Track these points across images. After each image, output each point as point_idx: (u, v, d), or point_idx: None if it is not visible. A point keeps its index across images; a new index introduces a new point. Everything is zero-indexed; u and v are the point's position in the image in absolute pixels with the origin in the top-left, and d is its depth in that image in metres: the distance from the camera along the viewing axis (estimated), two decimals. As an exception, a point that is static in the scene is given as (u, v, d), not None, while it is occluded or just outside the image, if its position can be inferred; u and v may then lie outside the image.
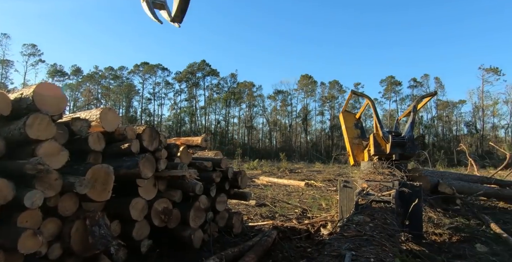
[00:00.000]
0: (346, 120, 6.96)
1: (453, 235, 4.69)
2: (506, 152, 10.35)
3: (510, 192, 8.03)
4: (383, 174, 4.93)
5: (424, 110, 54.99)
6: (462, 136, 52.68)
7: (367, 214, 3.49)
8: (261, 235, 4.24)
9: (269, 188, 10.12)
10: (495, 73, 50.37)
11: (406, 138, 5.56)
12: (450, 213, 5.71)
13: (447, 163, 30.39)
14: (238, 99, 61.14)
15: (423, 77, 57.54)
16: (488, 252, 3.95)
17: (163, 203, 3.38)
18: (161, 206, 3.36)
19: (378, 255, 2.35)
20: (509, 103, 49.24)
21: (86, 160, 2.94)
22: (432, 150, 39.73)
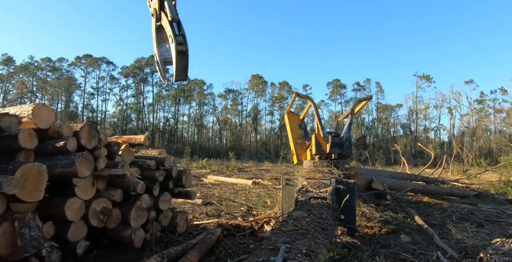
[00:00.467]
0: (290, 121, 7.24)
1: (382, 227, 5.13)
2: (432, 152, 11.46)
3: (434, 188, 8.95)
4: (322, 172, 5.24)
5: (366, 112, 58.69)
6: (399, 137, 56.96)
7: (305, 209, 3.71)
8: (205, 233, 4.29)
9: (216, 186, 10.15)
10: (427, 80, 55.36)
11: (344, 138, 5.96)
12: (381, 207, 6.23)
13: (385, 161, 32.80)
14: (188, 97, 60.01)
15: (365, 82, 61.37)
16: (410, 242, 4.40)
17: (102, 203, 3.29)
18: (100, 206, 3.26)
19: (310, 247, 2.54)
20: (438, 108, 54.36)
21: (15, 158, 2.77)
22: (373, 150, 42.45)
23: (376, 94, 60.18)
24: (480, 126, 52.63)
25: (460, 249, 3.84)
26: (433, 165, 12.77)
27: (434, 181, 9.80)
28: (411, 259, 3.45)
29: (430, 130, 56.35)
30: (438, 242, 4.25)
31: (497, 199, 8.60)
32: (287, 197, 4.78)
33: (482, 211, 7.01)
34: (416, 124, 56.50)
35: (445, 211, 6.70)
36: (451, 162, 13.86)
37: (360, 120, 54.79)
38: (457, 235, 4.83)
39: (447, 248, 3.88)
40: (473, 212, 6.74)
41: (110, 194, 3.43)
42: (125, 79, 59.30)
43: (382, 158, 35.15)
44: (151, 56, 58.71)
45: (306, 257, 2.31)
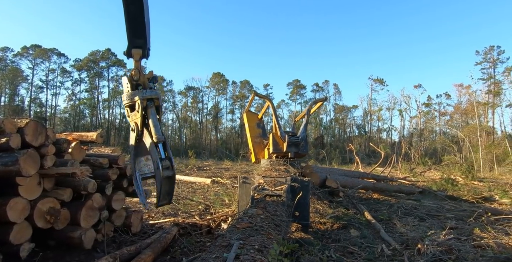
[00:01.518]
0: (249, 120, 7.33)
1: (334, 223, 5.38)
2: (382, 151, 12.16)
3: (383, 185, 9.51)
4: (278, 171, 5.38)
5: (324, 113, 60.70)
6: (354, 137, 59.56)
7: (260, 207, 3.80)
8: (161, 232, 4.24)
9: (174, 185, 9.97)
10: (381, 84, 58.49)
11: (301, 138, 6.15)
12: (334, 204, 6.52)
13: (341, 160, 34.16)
14: (146, 94, 58.05)
15: (324, 83, 63.36)
16: (359, 236, 4.66)
17: (49, 203, 3.13)
18: (47, 206, 3.11)
19: (263, 243, 2.62)
20: (390, 110, 57.59)
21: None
22: (330, 149, 43.96)
23: (334, 95, 62.45)
24: (426, 128, 56.59)
25: (402, 242, 4.14)
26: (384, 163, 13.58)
27: (383, 179, 10.41)
28: (358, 251, 3.67)
29: (383, 131, 59.64)
30: (384, 235, 4.55)
31: (438, 195, 9.33)
32: (244, 195, 4.85)
33: (424, 206, 7.58)
34: (370, 125, 59.47)
35: (392, 206, 7.16)
36: (400, 161, 14.80)
37: (318, 120, 56.56)
38: (401, 229, 5.19)
39: (391, 241, 4.17)
40: (416, 207, 7.26)
41: (58, 193, 3.28)
42: (78, 72, 56.12)
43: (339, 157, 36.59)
44: (106, 50, 56.18)
45: (258, 252, 2.38)
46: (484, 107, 46.54)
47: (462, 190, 9.96)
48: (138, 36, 2.61)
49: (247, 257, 2.24)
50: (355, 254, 3.61)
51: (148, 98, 2.59)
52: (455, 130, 45.63)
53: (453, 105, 55.56)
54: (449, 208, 7.60)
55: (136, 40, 2.63)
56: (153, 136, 2.52)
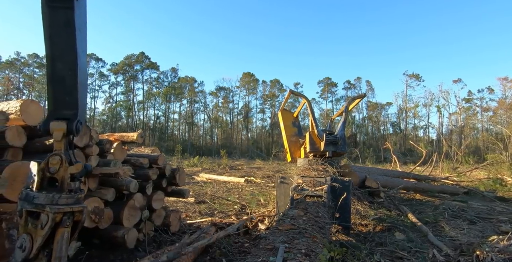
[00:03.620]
0: (284, 119, 7.20)
1: (377, 225, 5.13)
2: (423, 149, 11.57)
3: (425, 185, 9.03)
4: (317, 170, 5.21)
5: (357, 110, 59.15)
6: (388, 135, 57.58)
7: (301, 208, 3.67)
8: (199, 232, 4.23)
9: (209, 185, 10.07)
10: (417, 79, 56.02)
11: (339, 136, 5.94)
12: (375, 205, 6.24)
13: (375, 159, 33.12)
14: (178, 95, 59.54)
15: (356, 80, 61.79)
16: (405, 239, 4.40)
17: (93, 202, 3.19)
18: (92, 205, 3.16)
19: (309, 246, 2.49)
20: (427, 107, 55.06)
21: (2, 156, 2.65)
22: (363, 148, 42.80)
23: (367, 92, 60.69)
24: (467, 125, 53.52)
25: (455, 247, 3.85)
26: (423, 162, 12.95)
27: (425, 179, 9.90)
28: (407, 257, 3.44)
29: (419, 128, 57.15)
30: (433, 239, 4.26)
31: (487, 196, 8.72)
32: (282, 195, 4.73)
33: (473, 208, 7.09)
34: (405, 123, 57.21)
35: (437, 208, 6.76)
36: (441, 159, 14.03)
37: (351, 118, 55.19)
38: (450, 232, 4.86)
39: (442, 246, 3.89)
40: (464, 209, 6.81)
41: (102, 193, 3.33)
42: (115, 76, 58.56)
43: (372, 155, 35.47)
44: (141, 53, 58.15)
45: (306, 257, 2.26)
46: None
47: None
48: (66, 106, 1.77)
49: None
50: (404, 259, 3.39)
51: (64, 211, 1.60)
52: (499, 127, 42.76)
53: (497, 100, 52.18)
54: (501, 210, 7.06)
55: (61, 112, 1.76)
56: None
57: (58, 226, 1.57)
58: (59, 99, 1.75)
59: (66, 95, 1.74)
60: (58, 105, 1.75)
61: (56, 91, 1.75)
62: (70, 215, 1.62)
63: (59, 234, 1.58)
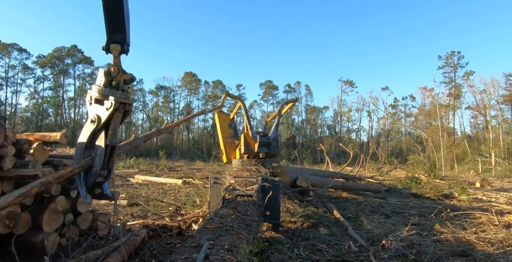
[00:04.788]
0: (220, 120, 7.32)
1: (304, 221, 5.48)
2: (350, 151, 12.52)
3: (352, 184, 9.81)
4: (250, 171, 5.41)
5: (296, 113, 61.59)
6: (325, 137, 60.79)
7: (231, 207, 3.81)
8: (129, 235, 4.14)
9: (144, 187, 9.78)
10: (350, 86, 60.21)
11: (272, 138, 6.23)
12: (305, 203, 6.65)
13: (312, 160, 34.79)
14: (115, 92, 56.28)
15: (296, 84, 64.23)
16: (328, 234, 4.78)
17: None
18: (6, 210, 2.95)
19: (233, 242, 2.64)
20: (359, 111, 59.34)
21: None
22: (301, 149, 44.60)
23: (306, 96, 63.48)
24: (393, 129, 58.82)
25: (369, 238, 4.30)
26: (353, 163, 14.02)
27: (352, 178, 10.74)
28: (326, 249, 3.77)
29: (352, 131, 61.31)
30: (351, 233, 4.70)
31: (403, 193, 9.74)
32: (215, 196, 4.84)
33: (390, 204, 7.89)
34: (340, 126, 60.97)
35: (360, 204, 7.40)
36: (368, 160, 15.30)
37: (290, 121, 57.28)
38: (368, 226, 5.38)
39: (358, 238, 4.31)
40: (382, 205, 7.54)
41: (19, 196, 3.12)
42: (42, 69, 53.39)
43: (310, 157, 37.25)
44: (72, 46, 53.93)
45: (228, 252, 2.40)
46: (445, 109, 49.05)
47: (424, 188, 10.45)
48: (117, 31, 2.51)
49: (217, 257, 2.24)
50: (323, 251, 3.71)
51: (122, 102, 2.46)
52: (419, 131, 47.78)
53: (418, 107, 58.14)
54: (413, 205, 7.95)
55: (115, 36, 2.51)
56: (108, 139, 2.49)
57: (116, 111, 2.44)
58: (112, 27, 2.47)
59: (116, 22, 2.46)
60: (112, 31, 2.49)
61: (109, 21, 2.45)
62: (123, 105, 2.47)
63: (115, 116, 2.46)
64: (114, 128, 2.48)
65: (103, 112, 2.45)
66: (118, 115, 2.48)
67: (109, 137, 2.48)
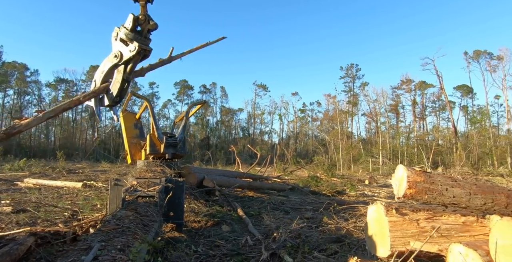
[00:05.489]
0: (125, 120, 7.04)
1: (209, 220, 5.67)
2: (258, 152, 13.18)
3: (258, 183, 10.35)
4: (154, 172, 5.37)
5: (211, 114, 61.68)
6: (239, 138, 62.20)
7: (130, 208, 3.77)
8: (12, 244, 3.76)
9: (35, 191, 8.78)
10: (264, 89, 62.82)
11: (179, 139, 6.26)
12: (210, 203, 6.84)
13: (226, 161, 35.30)
14: (1, 83, 48.76)
15: (211, 85, 64.30)
16: (230, 231, 5.04)
17: None
18: None
19: (126, 243, 2.66)
20: (271, 114, 62.33)
21: None
22: (215, 150, 44.86)
23: (221, 98, 64.00)
24: (301, 132, 63.29)
25: (265, 232, 4.68)
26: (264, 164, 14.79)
27: (259, 178, 11.33)
28: (224, 244, 4.00)
29: (265, 133, 63.98)
30: (251, 228, 5.04)
31: (304, 191, 10.67)
32: (115, 198, 4.69)
33: (290, 201, 8.58)
34: (253, 128, 63.05)
35: (264, 202, 7.90)
36: (275, 161, 16.26)
37: (205, 122, 57.14)
38: (267, 222, 5.81)
39: (256, 233, 4.66)
40: (284, 202, 8.18)
41: None
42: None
43: (224, 158, 37.74)
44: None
45: (120, 252, 2.42)
46: (345, 115, 54.72)
47: (323, 186, 11.60)
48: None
49: (107, 257, 2.25)
50: (221, 247, 3.93)
51: (144, 48, 2.83)
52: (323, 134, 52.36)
53: (323, 112, 63.57)
54: (310, 201, 8.79)
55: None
56: (125, 74, 2.90)
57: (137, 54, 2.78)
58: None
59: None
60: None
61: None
62: (144, 50, 2.82)
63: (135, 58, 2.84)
64: (132, 68, 2.91)
65: (126, 53, 2.84)
66: (137, 58, 2.88)
67: (127, 73, 2.90)
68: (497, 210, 2.18)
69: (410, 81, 53.03)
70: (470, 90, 51.23)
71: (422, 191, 2.30)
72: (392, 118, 54.41)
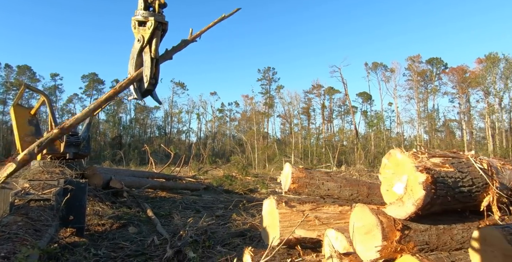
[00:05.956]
0: (18, 116, 6.27)
1: (114, 223, 5.43)
2: (171, 152, 12.98)
3: (171, 183, 10.21)
4: (52, 173, 4.95)
5: (124, 112, 57.95)
6: (155, 137, 59.71)
7: (20, 213, 3.46)
8: None
9: None
10: (182, 88, 61.36)
11: (82, 138, 5.85)
12: (117, 205, 6.54)
13: (140, 161, 33.57)
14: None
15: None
16: (136, 232, 4.93)
17: None
18: None
19: (13, 250, 2.47)
20: (189, 113, 61.29)
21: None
22: (128, 150, 42.34)
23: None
24: (220, 131, 63.65)
25: (173, 232, 4.70)
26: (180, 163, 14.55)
27: (173, 178, 11.16)
28: (128, 246, 3.93)
29: (182, 132, 62.56)
30: (159, 228, 5.00)
31: (218, 190, 10.86)
32: (2, 202, 4.21)
33: (203, 200, 8.68)
34: (170, 127, 61.16)
35: (175, 202, 7.85)
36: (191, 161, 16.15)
37: (117, 119, 53.47)
38: (177, 221, 5.82)
39: (164, 232, 4.66)
40: (196, 201, 8.24)
41: None
42: None
43: (137, 158, 35.86)
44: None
45: (4, 259, 2.25)
46: (262, 116, 56.84)
47: (236, 184, 11.95)
48: None
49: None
50: (124, 248, 3.85)
51: (160, 21, 2.94)
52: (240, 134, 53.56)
53: (241, 113, 64.91)
54: (223, 200, 9.01)
55: None
56: (152, 53, 2.94)
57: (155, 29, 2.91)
58: None
59: None
60: None
61: None
62: (160, 23, 2.94)
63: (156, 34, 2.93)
64: (156, 44, 2.96)
65: (146, 32, 2.95)
66: (158, 33, 2.97)
67: (153, 51, 2.95)
68: (361, 199, 2.65)
69: (320, 86, 57.57)
70: (369, 97, 57.78)
71: (304, 185, 2.66)
72: (304, 120, 58.35)
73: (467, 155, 2.04)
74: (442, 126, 52.03)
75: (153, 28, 2.98)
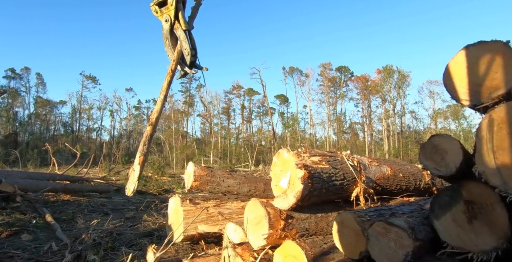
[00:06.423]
0: None
1: (4, 231, 4.87)
2: (78, 151, 12.02)
3: (76, 186, 9.46)
4: None
5: (21, 106, 51.06)
6: (59, 135, 53.94)
7: None
8: None
9: None
10: (93, 82, 56.50)
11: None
12: (8, 210, 5.86)
13: (41, 162, 29.97)
14: None
15: (23, 70, 53.08)
16: (31, 240, 4.51)
17: None
18: None
19: None
20: (101, 110, 56.78)
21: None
22: (26, 149, 37.48)
23: (37, 86, 53.86)
24: (135, 130, 60.32)
25: (75, 236, 4.43)
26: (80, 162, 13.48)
27: (79, 180, 10.34)
28: (19, 254, 3.60)
29: (93, 130, 57.66)
30: (59, 234, 4.65)
31: (130, 191, 10.38)
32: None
33: (113, 202, 8.25)
34: (79, 124, 55.86)
35: (81, 206, 7.31)
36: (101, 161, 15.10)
37: (11, 114, 46.80)
38: (81, 226, 5.46)
39: (64, 238, 4.36)
40: (104, 204, 7.80)
41: None
42: None
43: (37, 158, 31.96)
44: None
45: None
46: (181, 115, 55.67)
47: (150, 185, 11.58)
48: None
49: None
50: (15, 257, 3.52)
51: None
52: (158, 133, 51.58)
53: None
54: (135, 201, 8.67)
55: None
56: (182, 25, 3.06)
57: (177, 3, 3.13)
58: None
59: None
60: None
61: None
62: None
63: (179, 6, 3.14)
64: (183, 17, 3.09)
65: (170, 9, 3.09)
66: (180, 6, 3.08)
67: (183, 24, 3.08)
68: (258, 195, 2.93)
69: (240, 87, 58.84)
70: (286, 99, 61.01)
71: (205, 182, 2.83)
72: (224, 120, 58.90)
73: (343, 154, 2.43)
74: (349, 129, 57.69)
75: (175, 3, 3.14)
